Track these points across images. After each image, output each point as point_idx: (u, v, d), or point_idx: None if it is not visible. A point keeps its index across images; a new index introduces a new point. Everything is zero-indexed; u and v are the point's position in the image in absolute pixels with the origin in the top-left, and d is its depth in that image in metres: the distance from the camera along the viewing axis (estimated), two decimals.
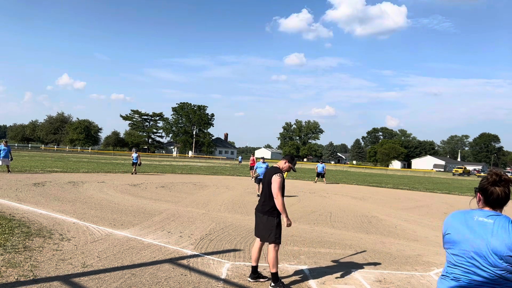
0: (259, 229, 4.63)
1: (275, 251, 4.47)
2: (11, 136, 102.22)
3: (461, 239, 2.03)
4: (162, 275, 4.64)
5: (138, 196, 11.90)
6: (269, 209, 4.52)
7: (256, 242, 4.72)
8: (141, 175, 20.80)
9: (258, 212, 4.67)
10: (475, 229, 2.00)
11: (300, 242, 6.99)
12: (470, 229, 2.02)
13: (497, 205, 2.07)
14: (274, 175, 4.51)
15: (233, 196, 13.64)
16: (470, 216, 2.08)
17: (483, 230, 1.98)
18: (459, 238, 2.04)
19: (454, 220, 2.12)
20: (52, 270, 4.54)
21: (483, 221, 2.01)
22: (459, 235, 2.05)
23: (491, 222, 1.99)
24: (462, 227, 2.06)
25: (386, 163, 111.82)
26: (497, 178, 2.06)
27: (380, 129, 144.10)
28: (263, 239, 4.58)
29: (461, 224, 2.07)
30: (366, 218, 10.39)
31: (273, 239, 4.47)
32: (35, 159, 32.41)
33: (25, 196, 10.39)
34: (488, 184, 2.07)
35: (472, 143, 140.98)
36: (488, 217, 2.01)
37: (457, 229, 2.07)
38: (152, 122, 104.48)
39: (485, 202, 2.10)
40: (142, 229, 7.16)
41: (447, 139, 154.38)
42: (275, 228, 4.49)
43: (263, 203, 4.61)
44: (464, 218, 2.09)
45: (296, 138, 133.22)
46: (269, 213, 4.52)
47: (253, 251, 4.73)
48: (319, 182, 24.25)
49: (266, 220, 4.52)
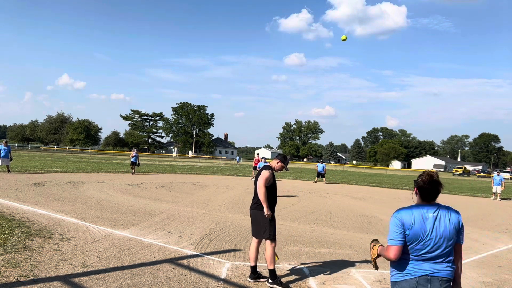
0: (254, 226, 4.69)
1: (272, 248, 4.53)
2: (11, 136, 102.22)
3: (424, 235, 2.34)
4: (162, 275, 4.64)
5: (138, 196, 11.90)
6: (259, 205, 4.58)
7: (253, 242, 4.75)
8: (141, 175, 20.79)
9: (251, 210, 4.73)
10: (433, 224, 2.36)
11: (300, 242, 6.99)
12: (429, 225, 2.35)
13: (432, 199, 2.45)
14: (263, 170, 4.62)
15: (233, 196, 13.64)
16: (421, 213, 2.39)
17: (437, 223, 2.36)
18: (423, 235, 2.34)
19: (412, 219, 2.37)
20: (52, 270, 4.54)
21: (433, 215, 2.38)
22: (422, 232, 2.34)
23: (437, 215, 2.39)
24: (423, 224, 2.35)
25: (386, 163, 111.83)
26: (430, 179, 2.43)
27: (380, 129, 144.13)
28: (259, 236, 4.63)
29: (421, 222, 2.36)
30: (366, 218, 10.39)
31: (268, 235, 4.53)
32: (35, 159, 32.42)
33: (25, 196, 10.39)
34: (424, 184, 2.44)
35: (472, 143, 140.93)
36: (434, 212, 2.40)
37: (419, 227, 2.35)
38: (152, 122, 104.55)
39: (421, 197, 2.47)
40: (142, 229, 7.16)
41: (447, 139, 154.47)
42: (268, 225, 4.54)
43: (254, 200, 4.71)
44: (419, 216, 2.38)
45: (296, 138, 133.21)
46: (260, 209, 4.57)
47: (250, 251, 4.76)
48: (319, 182, 24.25)
49: (260, 216, 4.57)
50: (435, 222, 2.36)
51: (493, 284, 5.16)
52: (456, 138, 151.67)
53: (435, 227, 2.35)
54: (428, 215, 2.38)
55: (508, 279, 5.45)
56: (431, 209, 2.40)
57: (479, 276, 5.45)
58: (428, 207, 2.42)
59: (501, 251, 7.37)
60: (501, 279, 5.45)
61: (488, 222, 11.31)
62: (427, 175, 2.44)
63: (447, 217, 2.39)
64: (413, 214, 2.39)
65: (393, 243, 2.39)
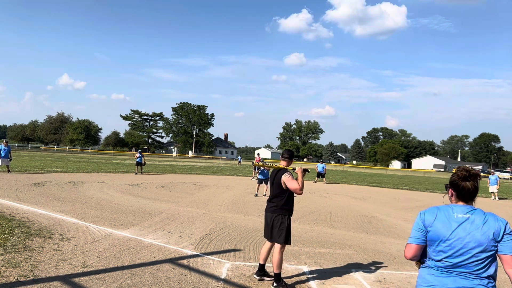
0: (269, 229, 4.62)
1: (281, 252, 4.52)
2: (11, 136, 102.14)
3: (447, 236, 2.11)
4: (162, 275, 4.64)
5: (138, 196, 11.90)
6: (277, 208, 4.56)
7: (267, 242, 4.74)
8: (141, 175, 20.81)
9: (267, 213, 4.69)
10: (460, 224, 2.11)
11: (300, 242, 6.98)
12: (455, 224, 2.12)
13: (469, 199, 2.22)
14: (282, 175, 4.56)
15: (233, 196, 13.64)
16: (448, 212, 2.18)
17: (466, 225, 2.10)
18: (446, 234, 2.12)
19: (434, 217, 2.19)
20: (52, 270, 4.54)
21: (463, 217, 2.13)
22: (445, 232, 2.12)
23: (470, 217, 2.13)
24: (447, 223, 2.14)
25: (386, 163, 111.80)
26: (466, 174, 2.20)
27: (380, 129, 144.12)
28: (273, 239, 4.57)
29: (444, 220, 2.15)
30: (366, 218, 10.39)
31: (283, 240, 4.50)
32: (35, 159, 32.41)
33: (25, 196, 10.39)
34: (459, 180, 2.21)
35: (472, 143, 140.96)
36: (466, 213, 2.15)
37: (442, 225, 2.14)
38: (152, 122, 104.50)
39: (457, 197, 2.24)
40: (142, 229, 7.16)
41: (447, 139, 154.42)
42: (285, 229, 4.51)
43: (271, 203, 4.66)
44: (444, 214, 2.18)
45: (296, 138, 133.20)
46: (279, 212, 4.56)
47: (262, 250, 4.75)
48: (319, 182, 24.26)
49: (276, 220, 4.54)
50: (464, 222, 2.10)
51: None
52: (456, 138, 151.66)
53: (463, 227, 2.09)
54: (457, 214, 2.14)
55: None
56: (463, 209, 2.16)
57: None
58: (460, 206, 2.18)
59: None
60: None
61: None
62: (463, 169, 2.21)
63: (482, 220, 2.09)
64: (438, 211, 2.19)
65: (410, 240, 2.24)
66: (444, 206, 2.23)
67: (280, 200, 4.57)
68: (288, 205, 4.61)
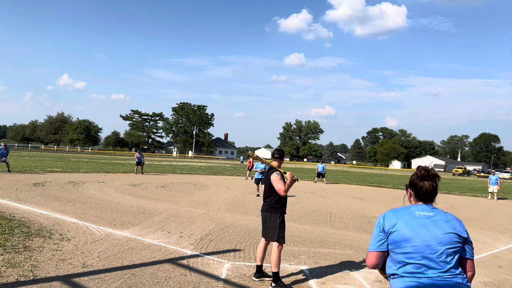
0: (264, 228, 4.73)
1: (279, 251, 4.56)
2: (11, 136, 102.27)
3: (412, 236, 2.02)
4: (162, 275, 4.64)
5: (138, 196, 11.90)
6: (269, 207, 4.66)
7: (261, 242, 4.79)
8: (141, 175, 20.81)
9: (262, 212, 4.79)
10: (423, 224, 2.04)
11: (300, 242, 6.98)
12: (418, 224, 2.05)
13: (427, 199, 2.16)
14: (271, 175, 4.65)
15: (233, 196, 13.64)
16: (410, 211, 2.12)
17: (430, 223, 2.04)
18: (410, 234, 2.03)
19: (398, 217, 2.10)
20: (52, 270, 4.54)
21: (425, 215, 2.08)
22: (409, 232, 2.03)
23: (432, 215, 2.08)
24: (410, 223, 2.06)
25: (386, 163, 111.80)
26: (425, 173, 2.15)
27: (380, 129, 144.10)
28: (268, 237, 4.68)
29: (407, 220, 2.07)
30: (366, 218, 10.39)
31: (277, 238, 4.57)
32: (35, 159, 32.41)
33: (25, 196, 10.39)
34: (418, 179, 2.16)
35: (472, 143, 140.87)
36: (428, 212, 2.10)
37: (406, 226, 2.05)
38: (152, 122, 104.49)
39: (416, 197, 2.19)
40: (142, 229, 7.16)
41: (447, 139, 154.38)
42: (278, 227, 4.58)
43: (265, 202, 4.76)
44: (406, 214, 2.10)
45: (296, 138, 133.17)
46: (271, 211, 4.64)
47: (257, 250, 4.82)
48: (319, 182, 24.26)
49: (269, 218, 4.64)
50: (426, 220, 2.05)
51: (493, 284, 5.16)
52: (456, 138, 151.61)
53: (426, 226, 2.03)
54: (418, 212, 2.09)
55: (508, 279, 5.45)
56: (424, 208, 2.12)
57: (479, 276, 5.45)
58: (421, 206, 2.14)
59: (501, 251, 7.37)
60: (501, 279, 5.45)
61: (488, 222, 11.31)
62: (422, 169, 2.16)
63: (444, 218, 2.07)
64: (398, 212, 2.13)
65: (370, 248, 2.15)
66: (404, 207, 2.17)
67: (271, 199, 4.66)
68: (279, 204, 4.67)
